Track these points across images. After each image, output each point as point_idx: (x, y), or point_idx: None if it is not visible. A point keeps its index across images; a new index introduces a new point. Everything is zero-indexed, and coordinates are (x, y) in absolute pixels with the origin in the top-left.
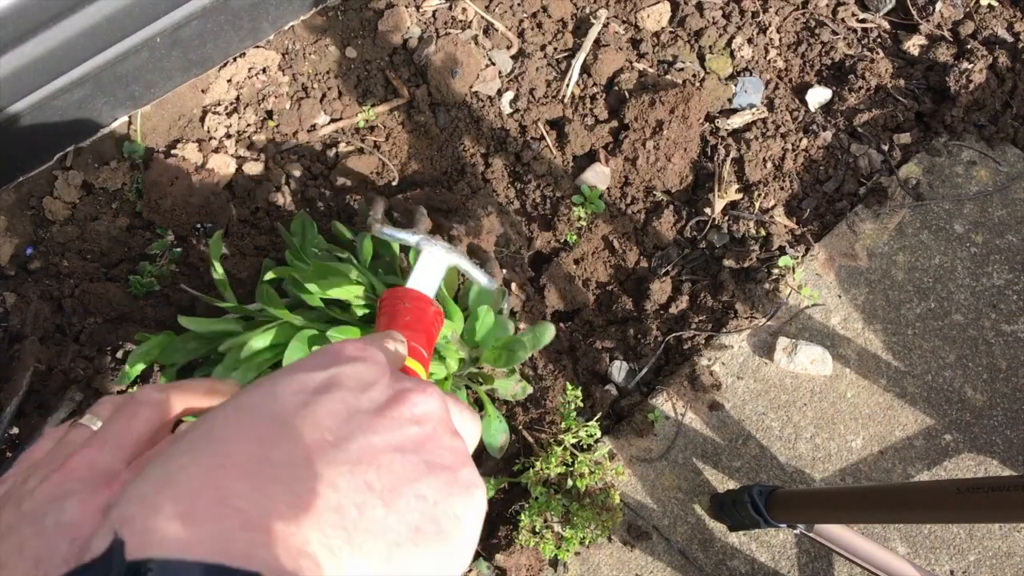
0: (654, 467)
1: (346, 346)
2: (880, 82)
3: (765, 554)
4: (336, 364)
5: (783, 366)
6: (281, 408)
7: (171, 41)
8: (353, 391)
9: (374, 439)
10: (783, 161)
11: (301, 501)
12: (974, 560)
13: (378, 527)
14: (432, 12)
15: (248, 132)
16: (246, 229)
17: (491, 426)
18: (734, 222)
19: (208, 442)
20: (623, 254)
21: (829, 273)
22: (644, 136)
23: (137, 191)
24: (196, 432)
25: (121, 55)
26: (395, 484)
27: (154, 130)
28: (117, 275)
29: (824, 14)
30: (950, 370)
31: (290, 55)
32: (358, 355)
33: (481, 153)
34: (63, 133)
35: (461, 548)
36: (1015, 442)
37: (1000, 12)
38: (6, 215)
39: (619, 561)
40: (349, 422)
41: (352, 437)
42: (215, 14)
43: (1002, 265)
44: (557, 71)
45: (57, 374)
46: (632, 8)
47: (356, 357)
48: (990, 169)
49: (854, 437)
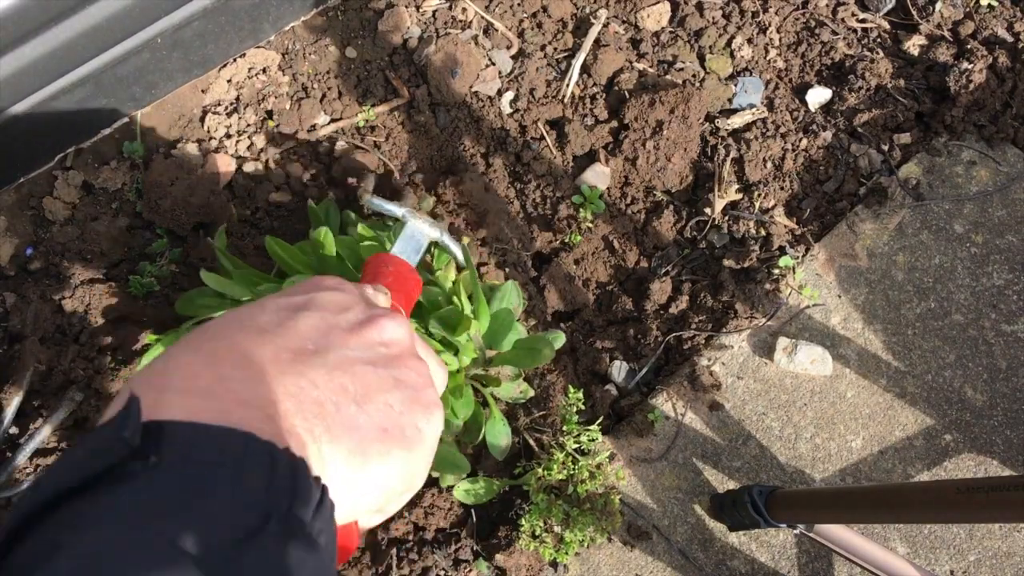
0: (654, 467)
1: (326, 278)
2: (880, 82)
3: (765, 554)
4: (316, 290)
5: (783, 366)
6: (268, 320)
7: (172, 42)
8: (331, 311)
9: (349, 352)
10: (783, 161)
11: (287, 392)
12: (974, 560)
13: (351, 423)
14: (432, 12)
15: (248, 132)
16: (246, 229)
17: (495, 428)
18: (734, 222)
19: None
20: (623, 254)
21: (829, 273)
22: (644, 136)
23: (137, 191)
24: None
25: (122, 56)
26: (367, 391)
27: (154, 130)
28: (117, 275)
29: (824, 14)
30: (950, 370)
31: (290, 55)
32: (336, 286)
33: (481, 153)
34: (63, 134)
35: (421, 457)
36: (1015, 442)
37: (1000, 12)
38: (6, 215)
39: (619, 561)
40: (328, 335)
41: (330, 348)
42: (216, 15)
43: (1002, 265)
44: (557, 71)
45: (57, 374)
46: (632, 8)
47: (334, 287)
48: (990, 169)
49: (854, 437)
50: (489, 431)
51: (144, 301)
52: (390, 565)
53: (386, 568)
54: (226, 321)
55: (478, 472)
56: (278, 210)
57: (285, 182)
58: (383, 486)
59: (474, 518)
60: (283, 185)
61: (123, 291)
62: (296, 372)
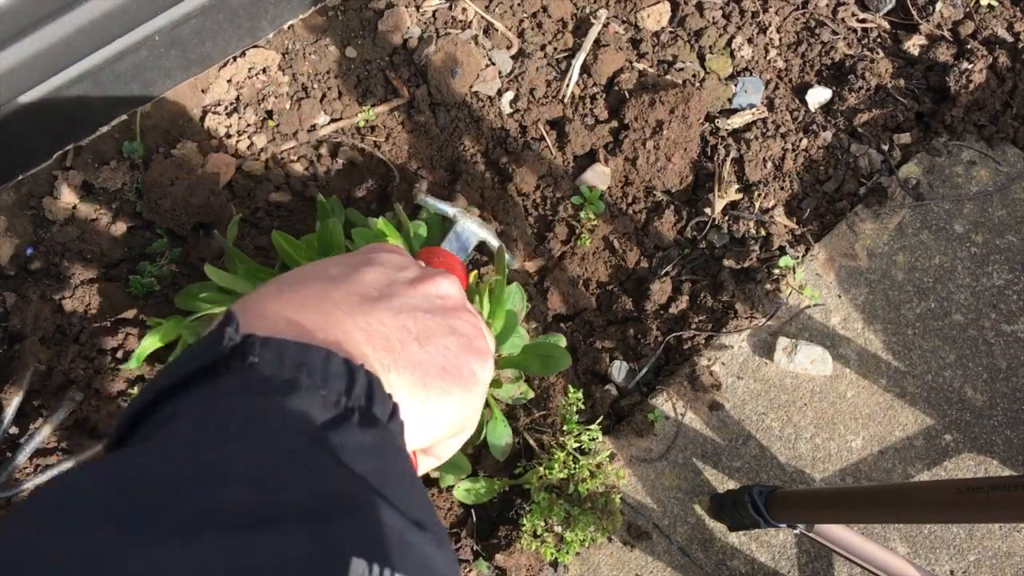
0: (654, 467)
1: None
2: (880, 82)
3: (765, 554)
4: (373, 252)
5: (783, 366)
6: (337, 272)
7: (170, 39)
8: (390, 268)
9: (410, 300)
10: (783, 161)
11: (358, 326)
12: (974, 560)
13: (415, 358)
14: (432, 12)
15: (248, 132)
16: (246, 229)
17: (496, 428)
18: (734, 222)
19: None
20: (623, 254)
21: (829, 273)
22: (644, 136)
23: (137, 191)
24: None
25: (120, 53)
26: (428, 333)
27: (154, 129)
28: (117, 275)
29: (824, 14)
30: (950, 370)
31: (290, 55)
32: (394, 249)
33: (481, 153)
34: (62, 131)
35: (475, 399)
36: (1015, 442)
37: (1000, 12)
38: (6, 215)
39: (619, 561)
40: (390, 286)
41: (393, 295)
42: (214, 12)
43: (1002, 265)
44: (557, 71)
45: (57, 374)
46: (632, 8)
47: (390, 249)
48: (990, 169)
49: (854, 437)
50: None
51: (144, 301)
52: None
53: None
54: (301, 272)
55: (478, 472)
56: (278, 210)
57: (285, 182)
58: (440, 422)
59: (474, 518)
60: (283, 185)
61: (123, 291)
62: (364, 312)
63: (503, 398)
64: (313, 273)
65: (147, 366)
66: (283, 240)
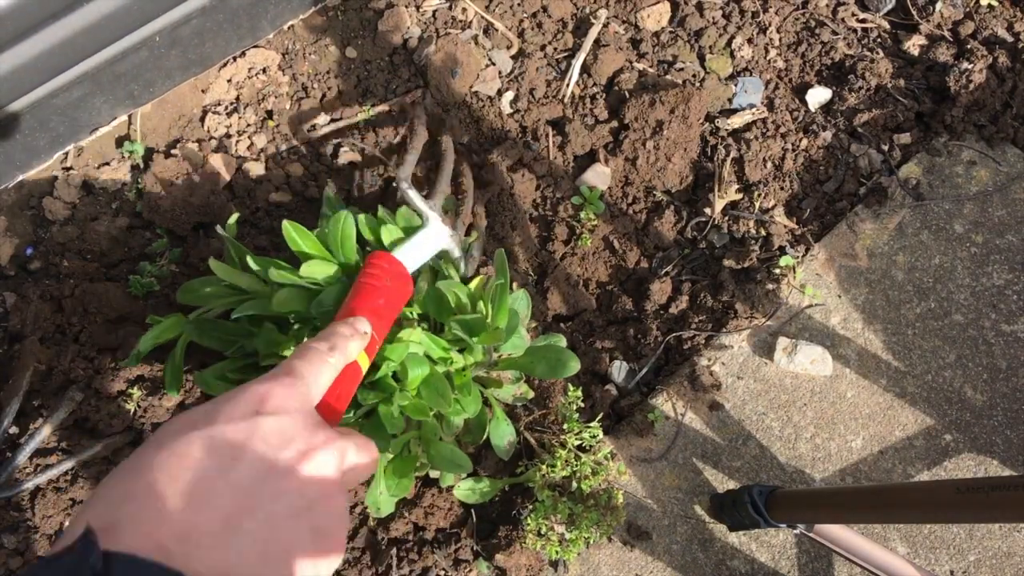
0: (654, 467)
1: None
2: (880, 82)
3: (765, 554)
4: (257, 416)
5: (783, 366)
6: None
7: (170, 40)
8: (272, 446)
9: (278, 507)
10: (783, 161)
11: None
12: (974, 560)
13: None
14: (432, 12)
15: (248, 132)
16: (246, 229)
17: (498, 428)
18: (734, 222)
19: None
20: (623, 254)
21: (829, 273)
22: (644, 136)
23: (137, 191)
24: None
25: (120, 53)
26: (287, 550)
27: (154, 130)
28: (117, 275)
29: (824, 14)
30: (950, 370)
31: (290, 55)
32: (278, 408)
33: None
34: (62, 132)
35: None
36: (1015, 442)
37: (1000, 12)
38: (6, 215)
39: (619, 561)
40: (263, 485)
41: (261, 506)
42: (214, 13)
43: (1002, 265)
44: (557, 71)
45: (57, 374)
46: (632, 8)
47: (276, 410)
48: (990, 169)
49: (854, 437)
50: (493, 431)
51: (144, 301)
52: (390, 565)
53: (386, 568)
54: (172, 453)
55: (478, 472)
56: (278, 210)
57: (285, 182)
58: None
59: (474, 518)
60: (283, 185)
61: (123, 291)
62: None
63: (503, 399)
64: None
65: (146, 365)
66: (292, 229)
